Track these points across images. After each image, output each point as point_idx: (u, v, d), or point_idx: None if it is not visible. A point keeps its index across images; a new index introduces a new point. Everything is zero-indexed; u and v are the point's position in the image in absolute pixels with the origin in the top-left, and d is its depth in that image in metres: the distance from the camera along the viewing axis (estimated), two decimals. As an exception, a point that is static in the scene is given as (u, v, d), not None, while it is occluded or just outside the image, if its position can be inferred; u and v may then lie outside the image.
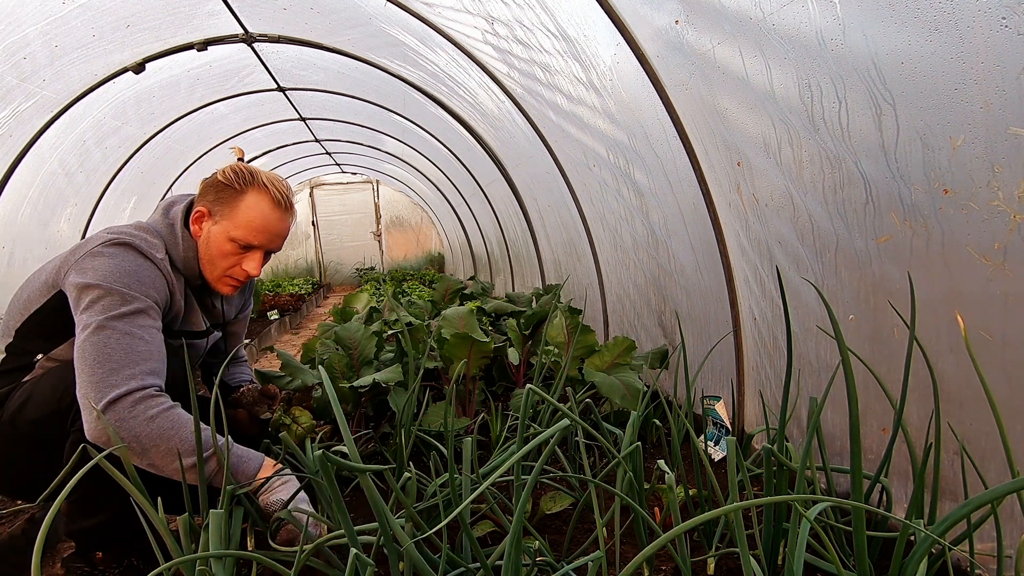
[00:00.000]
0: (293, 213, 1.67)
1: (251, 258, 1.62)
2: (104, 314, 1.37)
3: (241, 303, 1.99)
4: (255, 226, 1.58)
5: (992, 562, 1.24)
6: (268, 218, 1.58)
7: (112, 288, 1.40)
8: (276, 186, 1.60)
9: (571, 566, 1.17)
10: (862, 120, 1.39)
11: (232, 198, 1.58)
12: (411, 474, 1.38)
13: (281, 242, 1.66)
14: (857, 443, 1.06)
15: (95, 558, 1.51)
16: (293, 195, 1.64)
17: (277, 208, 1.59)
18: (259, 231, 1.59)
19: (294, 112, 5.76)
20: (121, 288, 1.41)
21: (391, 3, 2.96)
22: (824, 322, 1.74)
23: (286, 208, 1.62)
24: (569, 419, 1.03)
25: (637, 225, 2.84)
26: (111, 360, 1.34)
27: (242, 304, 2.00)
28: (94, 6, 2.80)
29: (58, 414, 1.44)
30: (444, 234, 10.76)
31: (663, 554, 1.57)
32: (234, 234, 1.57)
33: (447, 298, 4.29)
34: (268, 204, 1.58)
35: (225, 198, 1.58)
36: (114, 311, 1.38)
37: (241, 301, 1.99)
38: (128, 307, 1.40)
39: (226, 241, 1.58)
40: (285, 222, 1.63)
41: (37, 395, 1.46)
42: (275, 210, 1.59)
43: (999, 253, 1.17)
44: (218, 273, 1.62)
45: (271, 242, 1.62)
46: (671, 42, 1.94)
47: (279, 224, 1.61)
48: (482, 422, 2.44)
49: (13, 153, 3.35)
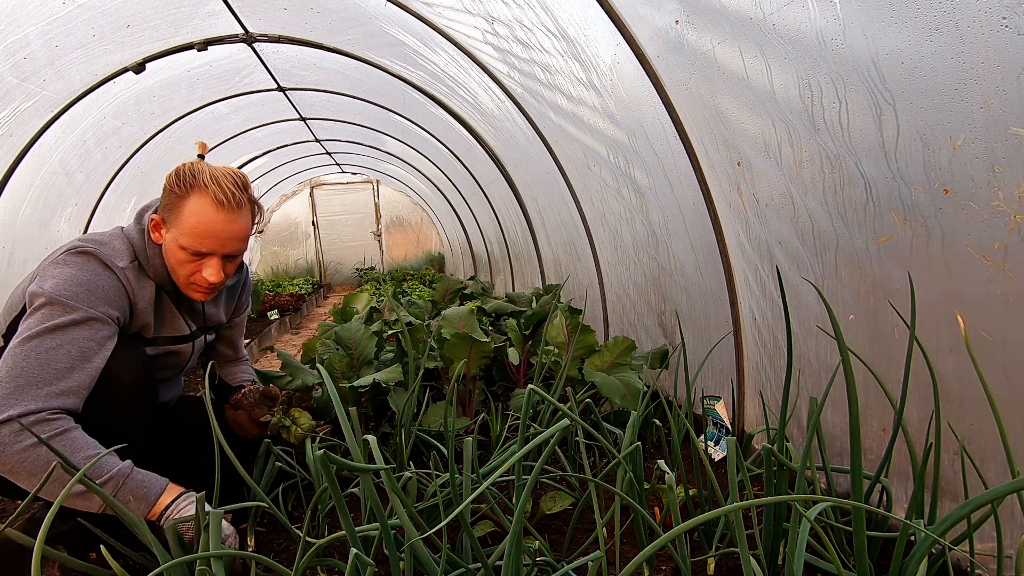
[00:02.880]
0: (248, 210, 1.54)
1: (208, 264, 1.52)
2: (38, 325, 1.35)
3: (234, 304, 1.96)
4: (199, 232, 1.47)
5: (992, 562, 1.24)
6: (211, 223, 1.47)
7: (56, 298, 1.37)
8: (221, 184, 1.47)
9: (571, 566, 1.17)
10: (862, 120, 1.39)
11: (176, 203, 1.49)
12: (411, 474, 1.38)
13: (237, 244, 1.53)
14: (857, 443, 1.06)
15: (90, 559, 1.51)
16: (247, 189, 1.52)
17: (221, 209, 1.47)
18: (204, 236, 1.48)
19: (294, 112, 5.76)
20: (66, 298, 1.38)
21: (391, 3, 2.96)
22: (824, 322, 1.74)
23: (233, 207, 1.48)
24: (569, 419, 1.03)
25: (637, 225, 2.84)
26: (22, 375, 1.30)
27: (236, 305, 1.97)
28: (94, 6, 2.80)
29: None
30: (444, 234, 10.76)
31: (663, 554, 1.57)
32: (182, 242, 1.49)
33: (447, 298, 4.29)
34: (210, 207, 1.46)
35: (171, 204, 1.50)
36: (49, 322, 1.35)
37: (233, 302, 1.95)
38: (65, 318, 1.36)
39: (178, 249, 1.50)
40: (235, 223, 1.50)
41: None
42: (219, 212, 1.47)
43: (999, 253, 1.17)
44: (182, 281, 1.56)
45: (222, 246, 1.51)
46: (671, 42, 1.94)
47: (226, 227, 1.49)
48: (482, 422, 2.44)
49: (13, 153, 3.35)
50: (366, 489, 1.09)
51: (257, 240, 10.83)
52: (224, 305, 1.91)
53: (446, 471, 1.74)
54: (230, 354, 2.07)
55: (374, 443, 1.16)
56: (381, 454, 1.15)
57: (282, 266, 11.13)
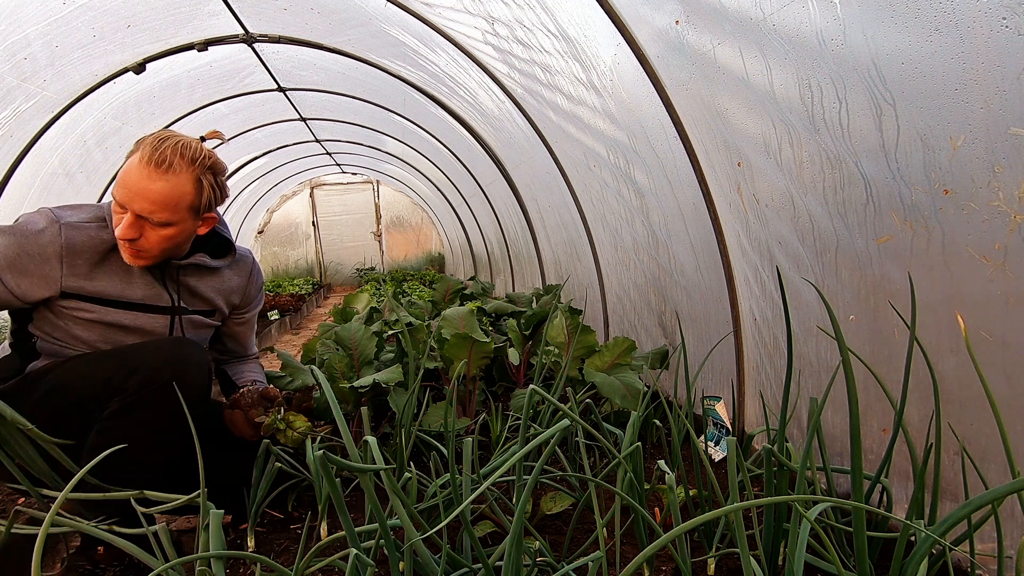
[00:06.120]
0: (181, 178, 1.51)
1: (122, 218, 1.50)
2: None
3: (236, 294, 1.86)
4: (120, 181, 1.49)
5: (992, 563, 1.24)
6: (132, 174, 1.47)
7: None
8: (160, 146, 1.48)
9: (571, 566, 1.17)
10: (862, 120, 1.39)
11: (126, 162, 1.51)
12: (411, 474, 1.38)
13: (147, 205, 1.48)
14: (857, 443, 1.06)
15: (96, 554, 1.51)
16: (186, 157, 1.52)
17: (146, 166, 1.46)
18: (120, 185, 1.48)
19: (294, 112, 5.76)
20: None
21: (391, 3, 2.96)
22: (824, 322, 1.74)
23: (157, 166, 1.47)
24: (569, 419, 1.03)
25: (637, 225, 2.84)
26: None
27: (244, 298, 1.89)
28: (95, 6, 2.81)
29: (82, 402, 1.46)
30: (444, 234, 10.76)
31: (663, 554, 1.57)
32: (113, 191, 1.51)
33: (447, 298, 4.29)
34: (138, 160, 1.47)
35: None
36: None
37: (228, 287, 1.84)
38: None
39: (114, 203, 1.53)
40: (153, 183, 1.47)
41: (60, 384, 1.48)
42: (142, 167, 1.46)
43: (999, 253, 1.17)
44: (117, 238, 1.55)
45: (131, 201, 1.48)
46: (671, 42, 1.94)
47: (142, 182, 1.47)
48: (482, 422, 2.44)
49: (14, 153, 3.35)
50: (366, 489, 1.09)
51: (257, 240, 10.83)
52: (218, 287, 1.80)
53: (446, 471, 1.74)
54: (238, 350, 2.03)
55: (374, 443, 1.16)
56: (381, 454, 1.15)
57: (282, 266, 11.13)
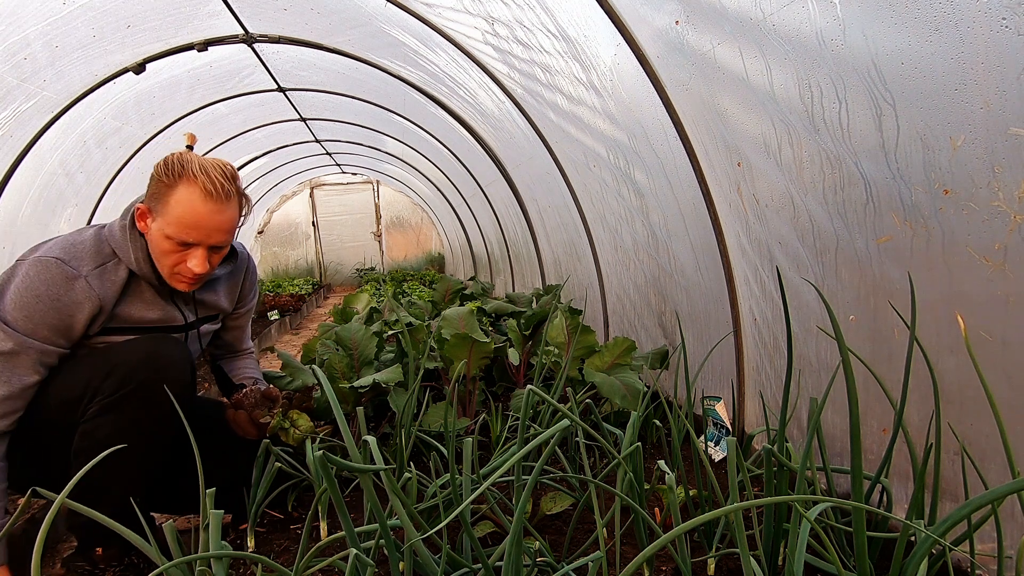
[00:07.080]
0: (236, 202, 1.54)
1: (193, 255, 1.51)
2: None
3: (237, 292, 1.89)
4: (186, 222, 1.47)
5: (992, 563, 1.24)
6: (199, 213, 1.47)
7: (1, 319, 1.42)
8: (210, 175, 1.47)
9: (571, 566, 1.17)
10: (862, 120, 1.39)
11: (164, 193, 1.48)
12: (411, 474, 1.38)
13: (223, 236, 1.53)
14: (857, 443, 1.06)
15: (95, 555, 1.51)
16: (235, 180, 1.53)
17: (209, 200, 1.47)
18: (191, 227, 1.47)
19: (294, 112, 5.76)
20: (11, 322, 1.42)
21: (391, 3, 2.96)
22: (824, 322, 1.74)
23: (221, 198, 1.48)
24: (569, 419, 1.03)
25: (637, 225, 2.84)
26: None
27: (240, 294, 1.91)
28: (95, 6, 2.80)
29: (67, 404, 1.45)
30: (444, 234, 10.76)
31: (663, 554, 1.57)
32: (168, 231, 1.48)
33: (447, 298, 4.29)
34: (199, 197, 1.46)
35: (158, 193, 1.49)
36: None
37: (236, 288, 1.88)
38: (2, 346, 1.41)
39: (163, 239, 1.49)
40: (222, 214, 1.50)
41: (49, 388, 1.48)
42: (207, 202, 1.47)
43: (999, 253, 1.17)
44: (167, 272, 1.55)
45: (209, 237, 1.50)
46: (671, 43, 1.94)
47: (213, 217, 1.48)
48: (482, 422, 2.44)
49: (14, 153, 3.34)
50: (366, 489, 1.09)
51: (257, 241, 10.83)
52: (225, 291, 1.84)
53: (446, 472, 1.74)
54: (234, 345, 2.03)
55: (373, 444, 1.16)
56: (381, 455, 1.15)
57: (282, 266, 11.13)
